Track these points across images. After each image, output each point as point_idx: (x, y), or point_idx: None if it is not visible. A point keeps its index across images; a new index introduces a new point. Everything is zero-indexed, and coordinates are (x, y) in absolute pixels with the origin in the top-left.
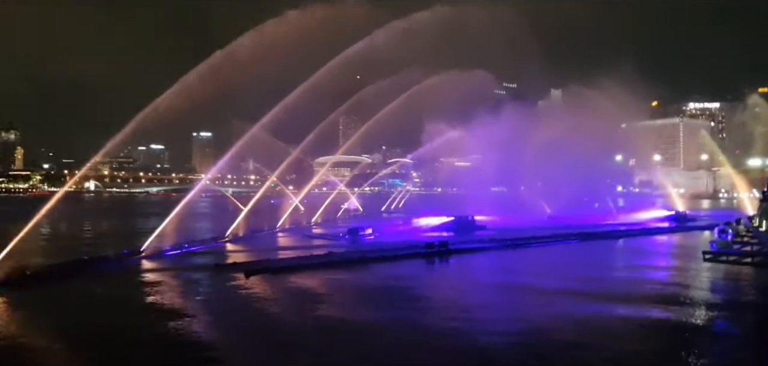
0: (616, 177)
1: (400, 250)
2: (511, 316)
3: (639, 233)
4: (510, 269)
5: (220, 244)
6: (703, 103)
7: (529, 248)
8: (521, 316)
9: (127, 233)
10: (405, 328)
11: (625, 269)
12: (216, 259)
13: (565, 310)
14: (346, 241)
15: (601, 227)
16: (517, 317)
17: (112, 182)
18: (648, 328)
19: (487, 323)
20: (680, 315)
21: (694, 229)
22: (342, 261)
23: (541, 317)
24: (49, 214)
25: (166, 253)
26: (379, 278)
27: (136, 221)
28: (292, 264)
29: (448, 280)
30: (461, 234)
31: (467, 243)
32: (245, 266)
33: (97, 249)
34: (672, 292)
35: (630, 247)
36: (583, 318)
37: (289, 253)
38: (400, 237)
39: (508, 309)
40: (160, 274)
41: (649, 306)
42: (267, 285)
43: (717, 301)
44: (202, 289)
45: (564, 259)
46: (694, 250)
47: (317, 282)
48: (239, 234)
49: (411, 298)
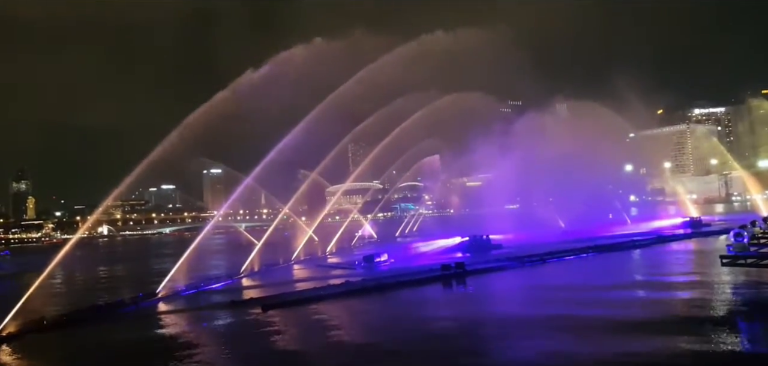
0: (628, 186)
1: (416, 275)
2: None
3: (654, 242)
4: (530, 288)
5: (235, 280)
6: (708, 108)
7: (546, 265)
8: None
9: (142, 276)
10: (428, 355)
11: (647, 285)
12: (232, 295)
13: (600, 347)
14: (362, 268)
15: (617, 238)
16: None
17: (125, 225)
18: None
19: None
20: (706, 329)
21: (709, 234)
22: (359, 289)
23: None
24: (63, 261)
25: (182, 294)
26: (397, 305)
27: (151, 263)
28: (309, 295)
29: (468, 305)
30: (477, 254)
31: (484, 263)
32: (262, 301)
33: (112, 294)
34: (694, 299)
35: (647, 258)
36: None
37: (306, 284)
38: (416, 261)
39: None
40: (177, 315)
41: (676, 332)
42: (285, 318)
43: (740, 308)
44: (220, 327)
45: (584, 275)
46: (711, 255)
47: (335, 312)
48: (254, 269)
49: (430, 323)
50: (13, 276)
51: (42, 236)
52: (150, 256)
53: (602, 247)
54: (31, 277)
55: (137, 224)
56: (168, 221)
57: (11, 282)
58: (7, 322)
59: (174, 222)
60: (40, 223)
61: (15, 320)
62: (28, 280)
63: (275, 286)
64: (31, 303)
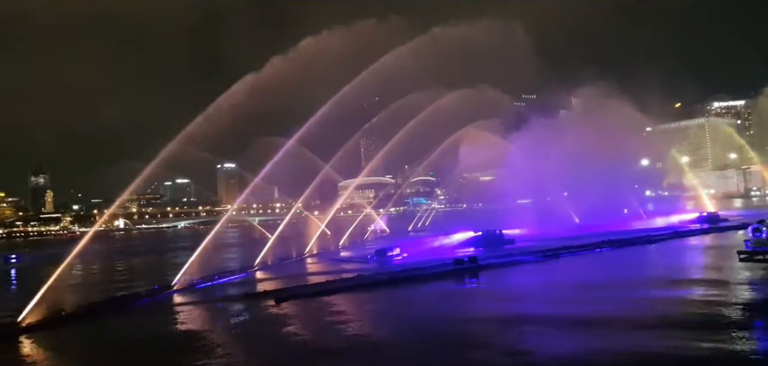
0: (644, 181)
1: (428, 269)
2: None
3: (671, 237)
4: (543, 283)
5: (249, 273)
6: (727, 101)
7: (560, 260)
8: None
9: (158, 268)
10: (438, 348)
11: (662, 282)
12: (246, 288)
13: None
14: (374, 262)
15: (632, 233)
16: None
17: (141, 219)
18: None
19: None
20: (723, 327)
21: (726, 230)
22: (371, 283)
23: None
24: (81, 253)
25: (197, 287)
26: (410, 298)
27: (167, 256)
28: (322, 288)
29: (480, 300)
30: (490, 249)
31: (497, 258)
32: (276, 293)
33: (129, 286)
34: (711, 295)
35: (663, 253)
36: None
37: (318, 277)
38: (429, 255)
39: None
40: (193, 307)
41: (692, 330)
42: (298, 310)
43: (757, 303)
44: (235, 319)
45: (598, 271)
46: (728, 250)
47: (347, 305)
48: (268, 262)
49: (441, 318)
50: (33, 268)
51: (60, 229)
52: (165, 249)
53: (617, 242)
54: (50, 269)
55: (153, 218)
56: (183, 215)
57: (31, 273)
58: (26, 313)
59: (189, 216)
60: (58, 216)
61: (34, 311)
62: (47, 272)
63: (288, 279)
64: (50, 294)
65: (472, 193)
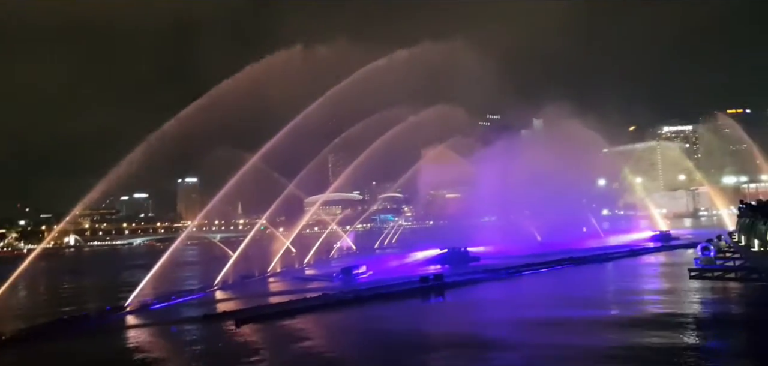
0: (601, 200)
1: (395, 287)
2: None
3: (627, 255)
4: (507, 301)
5: (209, 293)
6: (677, 126)
7: (523, 277)
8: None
9: (110, 288)
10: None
11: (620, 297)
12: (205, 309)
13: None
14: (340, 281)
15: (591, 251)
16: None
17: (94, 235)
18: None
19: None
20: (676, 336)
21: (677, 248)
22: (336, 302)
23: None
24: (26, 272)
25: (152, 308)
26: (375, 318)
27: (120, 275)
28: (285, 309)
29: (445, 319)
30: (455, 266)
31: (462, 275)
32: (236, 315)
33: (78, 307)
34: (666, 310)
35: (620, 269)
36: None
37: (282, 297)
38: (395, 273)
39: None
40: (146, 330)
41: (647, 330)
42: (259, 332)
43: (707, 319)
44: (190, 342)
45: (560, 289)
46: (679, 267)
47: (311, 325)
48: (228, 281)
49: (408, 337)
50: None
51: (5, 246)
52: (119, 268)
53: (577, 260)
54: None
55: (107, 234)
56: (139, 231)
57: None
58: None
59: (146, 232)
60: (2, 232)
61: None
62: None
63: (250, 299)
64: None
65: (438, 210)
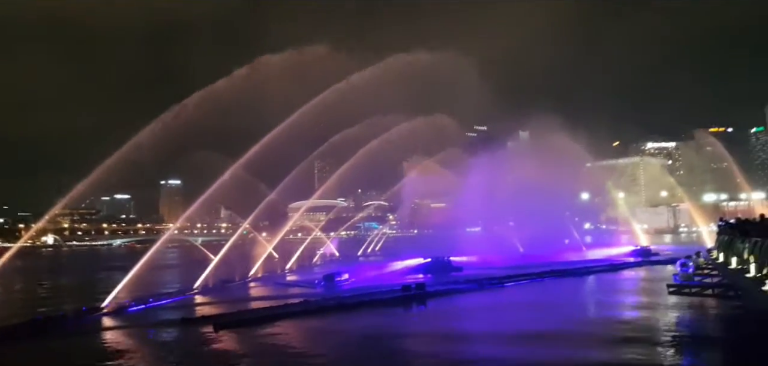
0: (584, 214)
1: (377, 295)
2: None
3: (608, 269)
4: (488, 310)
5: (188, 296)
6: (660, 142)
7: (505, 288)
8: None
9: (88, 289)
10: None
11: (599, 311)
12: (183, 312)
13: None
14: (322, 287)
15: (573, 264)
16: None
17: (73, 235)
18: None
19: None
20: (653, 353)
21: (657, 263)
22: (318, 309)
23: None
24: (2, 271)
25: (129, 310)
26: (357, 325)
27: (99, 275)
28: (265, 314)
29: (428, 326)
30: (438, 275)
31: (444, 285)
32: (215, 319)
33: (54, 307)
34: (644, 325)
35: (601, 283)
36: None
37: (262, 302)
38: (378, 281)
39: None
40: (122, 331)
41: (625, 345)
42: (238, 338)
43: (684, 334)
44: (167, 346)
45: (540, 300)
46: (659, 283)
47: (292, 332)
48: (209, 285)
49: (389, 345)
50: None
51: None
52: (98, 269)
53: (559, 272)
54: None
55: (86, 234)
56: (120, 232)
57: None
58: None
59: (127, 233)
60: None
61: None
62: None
63: (230, 303)
64: None
65: (423, 219)
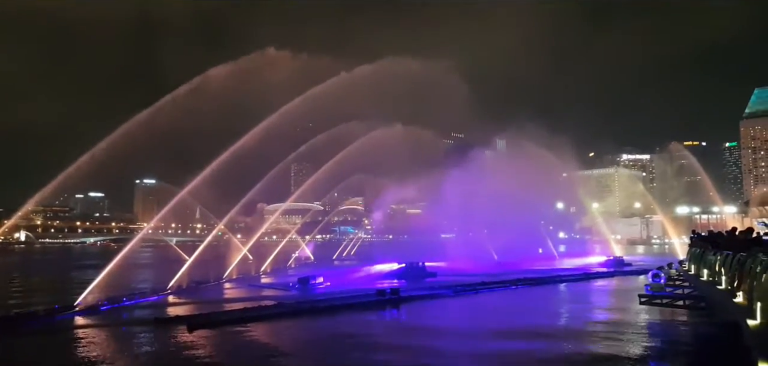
0: (558, 223)
1: (351, 299)
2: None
3: (581, 278)
4: (461, 316)
5: (161, 296)
6: (634, 154)
7: (479, 294)
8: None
9: (60, 287)
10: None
11: (569, 318)
12: (156, 312)
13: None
14: (296, 290)
15: (546, 272)
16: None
17: (46, 232)
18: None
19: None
20: (623, 361)
21: (630, 274)
22: (292, 311)
23: None
24: None
25: (102, 308)
26: (330, 328)
27: (71, 274)
28: (239, 316)
29: (402, 329)
30: (412, 281)
31: (418, 290)
32: (188, 319)
33: (25, 305)
34: (612, 333)
35: (573, 291)
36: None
37: (237, 304)
38: (352, 285)
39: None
40: (95, 330)
41: (594, 352)
42: (212, 339)
43: (652, 344)
44: (140, 346)
45: (512, 307)
46: (630, 293)
47: (266, 334)
48: (183, 286)
49: (363, 347)
50: None
51: None
52: (71, 267)
53: (532, 281)
54: None
55: (59, 232)
56: (93, 231)
57: None
58: None
59: (100, 232)
60: None
61: None
62: None
63: (203, 304)
64: None
65: (399, 224)
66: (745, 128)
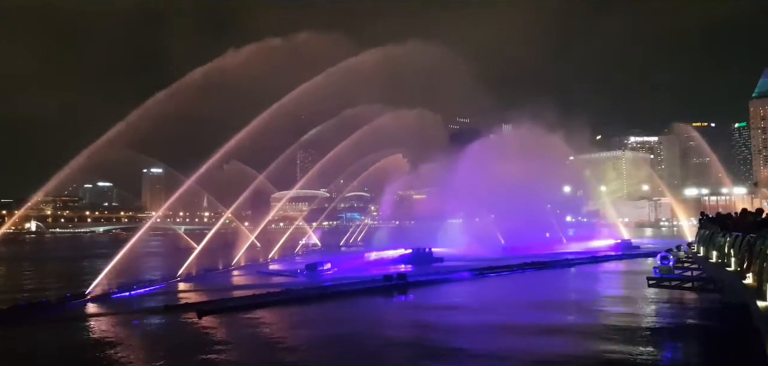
0: (566, 207)
1: (358, 285)
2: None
3: (589, 261)
4: (469, 300)
5: (171, 283)
6: (642, 137)
7: (485, 279)
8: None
9: (71, 275)
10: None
11: (578, 300)
12: (167, 299)
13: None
14: (304, 276)
15: (554, 256)
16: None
17: (56, 222)
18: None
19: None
20: (632, 345)
21: (638, 256)
22: (300, 297)
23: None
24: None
25: (113, 296)
26: (337, 314)
27: (82, 262)
28: (248, 302)
29: (409, 314)
30: (419, 266)
31: (425, 275)
32: (198, 306)
33: (37, 294)
34: (622, 314)
35: (582, 275)
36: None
37: (245, 291)
38: (359, 271)
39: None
40: (107, 318)
41: (604, 338)
42: (221, 325)
43: (662, 325)
44: (151, 332)
45: (520, 290)
46: (639, 275)
47: (274, 319)
48: (192, 273)
49: (369, 333)
50: None
51: None
52: (81, 256)
53: (540, 264)
54: None
55: (69, 221)
56: (103, 220)
57: None
58: None
59: (109, 221)
60: None
61: None
62: None
63: (212, 291)
64: None
65: (405, 210)
66: (755, 108)
